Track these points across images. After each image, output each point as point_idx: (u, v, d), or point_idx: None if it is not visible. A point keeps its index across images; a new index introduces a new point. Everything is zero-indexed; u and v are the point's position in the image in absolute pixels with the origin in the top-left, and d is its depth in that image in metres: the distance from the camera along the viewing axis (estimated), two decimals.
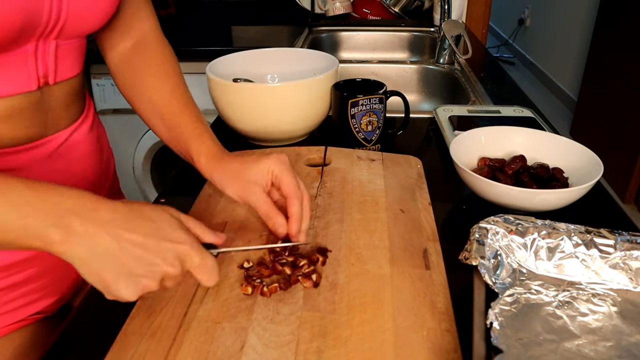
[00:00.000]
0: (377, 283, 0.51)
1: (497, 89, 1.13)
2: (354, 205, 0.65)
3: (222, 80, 0.80)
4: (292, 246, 0.55)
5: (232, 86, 0.80)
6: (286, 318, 0.47)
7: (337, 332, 0.45)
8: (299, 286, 0.51)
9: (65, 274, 0.64)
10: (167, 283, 0.43)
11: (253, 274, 0.53)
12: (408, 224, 0.61)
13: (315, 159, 0.77)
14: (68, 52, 0.56)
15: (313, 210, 0.63)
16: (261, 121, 0.81)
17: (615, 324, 0.45)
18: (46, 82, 0.54)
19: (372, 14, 1.77)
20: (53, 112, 0.57)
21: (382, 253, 0.55)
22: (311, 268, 0.52)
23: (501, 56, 4.41)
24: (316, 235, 0.59)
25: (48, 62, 0.53)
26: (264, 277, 0.52)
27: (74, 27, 0.53)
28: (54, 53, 0.54)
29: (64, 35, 0.53)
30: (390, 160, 0.76)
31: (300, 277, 0.51)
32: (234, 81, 0.79)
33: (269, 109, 0.80)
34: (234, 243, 0.58)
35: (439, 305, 0.48)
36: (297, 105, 0.81)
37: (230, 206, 0.65)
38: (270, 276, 0.52)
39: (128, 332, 0.46)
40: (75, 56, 0.58)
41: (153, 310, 0.48)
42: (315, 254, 0.55)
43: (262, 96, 0.80)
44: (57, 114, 0.58)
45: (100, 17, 0.56)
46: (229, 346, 0.44)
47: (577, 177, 0.65)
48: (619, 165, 2.33)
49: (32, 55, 0.51)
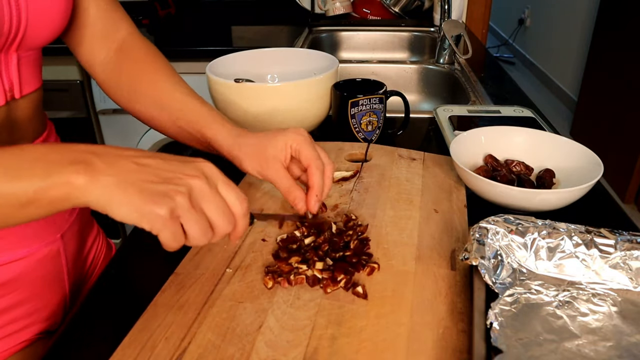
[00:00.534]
0: (399, 279, 0.52)
1: (497, 89, 1.13)
2: (388, 202, 0.65)
3: (223, 80, 0.80)
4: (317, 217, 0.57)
5: (232, 86, 0.80)
6: (305, 304, 0.49)
7: (353, 321, 0.46)
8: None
9: (50, 299, 0.62)
10: (203, 204, 0.41)
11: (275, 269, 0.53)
12: (440, 224, 0.61)
13: (357, 155, 0.78)
14: (28, 64, 0.56)
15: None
16: (261, 121, 0.81)
17: (616, 324, 0.45)
18: (12, 96, 0.54)
19: (372, 14, 1.77)
20: (19, 127, 0.56)
21: (409, 250, 0.56)
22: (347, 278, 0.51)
23: (501, 56, 4.41)
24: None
25: (12, 75, 0.53)
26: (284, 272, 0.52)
27: (33, 36, 0.52)
28: (17, 66, 0.53)
29: (24, 47, 0.53)
30: (432, 160, 0.77)
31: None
32: (235, 81, 0.79)
33: (270, 109, 0.80)
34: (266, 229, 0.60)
35: (459, 305, 0.49)
36: (297, 105, 0.81)
37: (267, 195, 0.68)
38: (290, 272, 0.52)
39: (158, 303, 0.49)
40: (35, 69, 0.58)
41: (183, 285, 0.52)
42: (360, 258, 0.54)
43: (263, 96, 0.80)
44: (23, 128, 0.57)
45: (56, 24, 0.55)
46: (248, 325, 0.46)
47: (577, 177, 0.65)
48: (619, 165, 2.33)
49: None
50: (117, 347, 0.44)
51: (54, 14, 0.54)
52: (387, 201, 0.66)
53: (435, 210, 0.64)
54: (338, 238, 0.56)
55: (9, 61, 0.52)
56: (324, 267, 0.52)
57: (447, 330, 0.46)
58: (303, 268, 0.52)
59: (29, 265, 0.58)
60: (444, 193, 0.68)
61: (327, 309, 0.48)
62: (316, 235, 0.57)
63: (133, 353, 0.43)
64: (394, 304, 0.48)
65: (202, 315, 0.47)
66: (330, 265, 0.52)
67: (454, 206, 0.65)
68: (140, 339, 0.45)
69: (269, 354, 0.43)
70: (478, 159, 0.73)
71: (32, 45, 0.54)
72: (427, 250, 0.56)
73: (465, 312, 0.48)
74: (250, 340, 0.44)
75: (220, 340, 0.45)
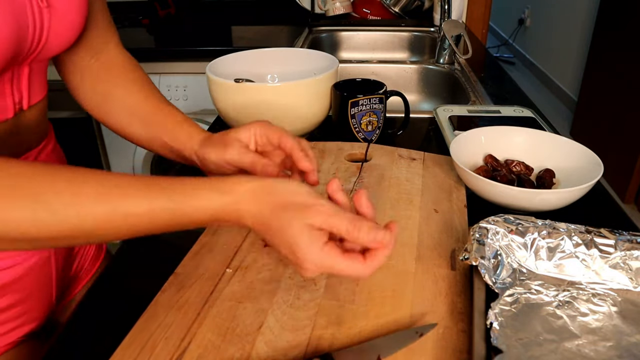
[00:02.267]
0: (399, 278, 0.52)
1: (497, 89, 1.13)
2: (388, 202, 0.65)
3: (223, 80, 0.80)
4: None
5: (232, 86, 0.80)
6: (305, 304, 0.49)
7: (353, 321, 0.47)
8: (322, 274, 0.52)
9: (37, 302, 0.62)
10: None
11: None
12: (440, 224, 0.61)
13: (357, 155, 0.78)
14: (39, 74, 0.56)
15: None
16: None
17: (616, 324, 0.45)
18: (20, 108, 0.54)
19: (372, 14, 1.77)
20: (25, 134, 0.57)
21: (409, 250, 0.56)
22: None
23: (501, 56, 4.41)
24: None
25: (22, 87, 0.53)
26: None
27: (49, 50, 0.52)
28: (27, 77, 0.53)
29: (38, 59, 0.53)
30: (432, 160, 0.77)
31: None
32: (235, 81, 0.79)
33: (270, 109, 0.80)
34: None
35: (459, 305, 0.49)
36: (297, 105, 0.81)
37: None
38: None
39: (158, 303, 0.49)
40: (43, 78, 0.58)
41: (183, 285, 0.51)
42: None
43: (263, 96, 0.80)
44: (29, 134, 0.58)
45: (72, 35, 0.55)
46: (248, 325, 0.46)
47: (577, 177, 0.64)
48: (619, 165, 2.33)
49: (8, 82, 0.51)
50: (117, 347, 0.44)
51: (71, 32, 0.54)
52: (387, 201, 0.66)
53: (435, 210, 0.64)
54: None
55: (21, 74, 0.52)
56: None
57: (447, 331, 0.46)
58: None
59: (22, 271, 0.58)
60: (444, 193, 0.68)
61: (327, 309, 0.48)
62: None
63: (133, 353, 0.43)
64: (394, 304, 0.49)
65: (202, 316, 0.47)
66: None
67: (454, 206, 0.65)
68: (140, 339, 0.45)
69: (269, 354, 0.43)
70: (478, 159, 0.73)
71: (46, 57, 0.54)
72: (427, 250, 0.56)
73: (465, 312, 0.48)
74: (250, 340, 0.44)
75: (220, 340, 0.45)
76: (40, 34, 0.49)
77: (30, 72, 0.54)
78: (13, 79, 0.51)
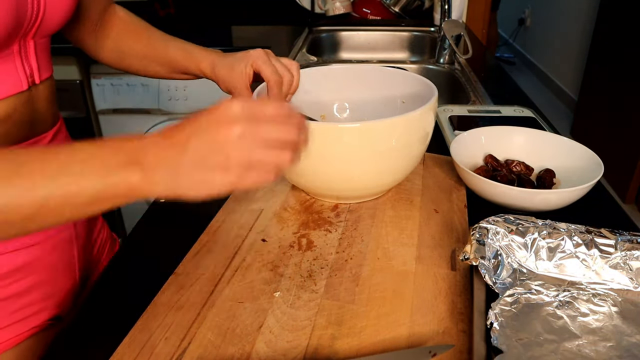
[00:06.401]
0: (400, 279, 0.52)
1: (497, 88, 1.13)
2: (388, 202, 0.65)
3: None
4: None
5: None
6: (305, 304, 0.49)
7: (353, 321, 0.47)
8: (322, 274, 0.52)
9: (62, 285, 0.63)
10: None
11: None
12: (440, 224, 0.61)
13: None
14: (43, 51, 0.58)
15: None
16: (328, 173, 0.59)
17: (616, 324, 0.45)
18: (33, 81, 0.56)
19: (372, 13, 1.77)
20: (39, 112, 0.59)
21: (409, 250, 0.56)
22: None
23: (501, 56, 4.41)
24: (346, 228, 0.60)
25: (31, 60, 0.56)
26: None
27: (48, 22, 0.55)
28: (34, 51, 0.56)
29: (40, 33, 0.56)
30: (432, 160, 0.77)
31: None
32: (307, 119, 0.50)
33: (344, 156, 0.57)
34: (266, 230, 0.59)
35: (459, 305, 0.49)
36: (386, 150, 0.58)
37: (268, 194, 0.68)
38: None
39: (158, 303, 0.49)
40: (48, 56, 0.61)
41: (183, 285, 0.52)
42: None
43: (336, 140, 0.56)
44: (43, 113, 0.60)
45: (66, 11, 0.58)
46: (248, 325, 0.46)
47: (578, 177, 0.64)
48: (619, 165, 2.33)
49: (18, 54, 0.53)
50: (117, 347, 0.44)
51: (64, 6, 0.57)
52: (387, 201, 0.66)
53: (436, 211, 0.64)
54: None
55: (28, 47, 0.55)
56: None
57: (447, 330, 0.46)
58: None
59: (45, 250, 0.59)
60: (444, 193, 0.68)
61: (327, 309, 0.48)
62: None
63: (133, 353, 0.43)
64: (394, 304, 0.49)
65: (202, 316, 0.47)
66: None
67: (454, 206, 0.65)
68: (140, 339, 0.45)
69: (269, 354, 0.43)
70: (478, 159, 0.73)
71: (47, 31, 0.57)
72: (428, 250, 0.56)
73: (465, 312, 0.48)
74: (250, 341, 0.44)
75: (220, 340, 0.45)
76: (39, 6, 0.52)
77: (36, 47, 0.56)
78: (21, 52, 0.54)
